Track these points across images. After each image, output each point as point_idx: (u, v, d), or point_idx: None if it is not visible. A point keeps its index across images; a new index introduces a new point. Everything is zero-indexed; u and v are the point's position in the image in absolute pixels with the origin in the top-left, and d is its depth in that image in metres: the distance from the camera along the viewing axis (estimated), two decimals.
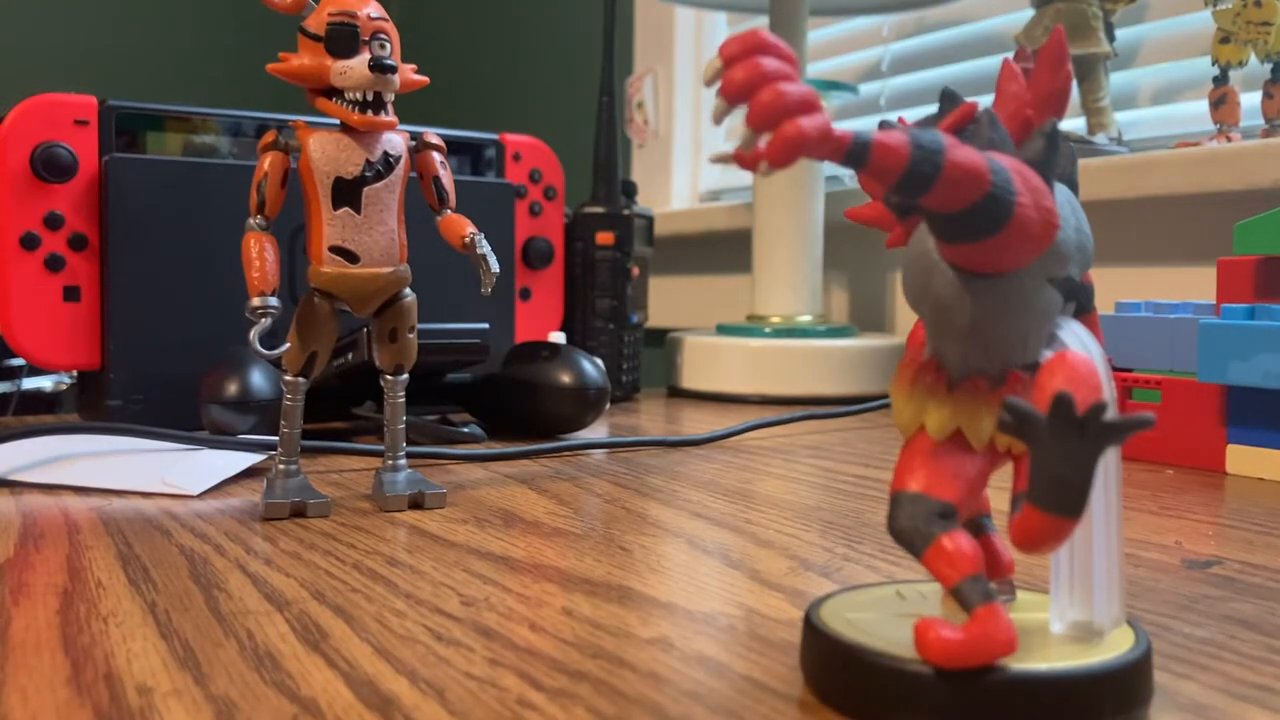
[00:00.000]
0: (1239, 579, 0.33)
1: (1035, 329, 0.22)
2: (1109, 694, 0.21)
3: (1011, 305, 0.22)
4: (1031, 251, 0.21)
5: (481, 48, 1.79)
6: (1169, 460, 0.55)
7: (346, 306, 0.43)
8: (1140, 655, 0.22)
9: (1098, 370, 0.20)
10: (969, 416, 0.22)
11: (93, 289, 0.62)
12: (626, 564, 0.35)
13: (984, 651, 0.20)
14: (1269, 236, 0.52)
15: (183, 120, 0.68)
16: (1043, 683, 0.21)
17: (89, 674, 0.25)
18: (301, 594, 0.31)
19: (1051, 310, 0.22)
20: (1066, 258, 0.22)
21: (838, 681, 0.23)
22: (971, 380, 0.22)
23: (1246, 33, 0.74)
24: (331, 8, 0.40)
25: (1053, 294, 0.22)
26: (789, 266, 0.90)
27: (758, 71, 0.18)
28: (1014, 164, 0.21)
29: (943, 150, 0.19)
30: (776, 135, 0.18)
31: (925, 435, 0.22)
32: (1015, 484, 0.22)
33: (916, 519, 0.21)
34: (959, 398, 0.22)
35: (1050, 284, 0.22)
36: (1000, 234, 0.20)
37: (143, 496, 0.45)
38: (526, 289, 0.78)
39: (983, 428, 0.22)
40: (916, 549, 0.21)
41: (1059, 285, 0.22)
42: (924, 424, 0.22)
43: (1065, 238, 0.22)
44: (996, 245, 0.21)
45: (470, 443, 0.60)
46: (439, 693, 0.23)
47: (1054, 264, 0.22)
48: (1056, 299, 0.22)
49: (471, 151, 0.78)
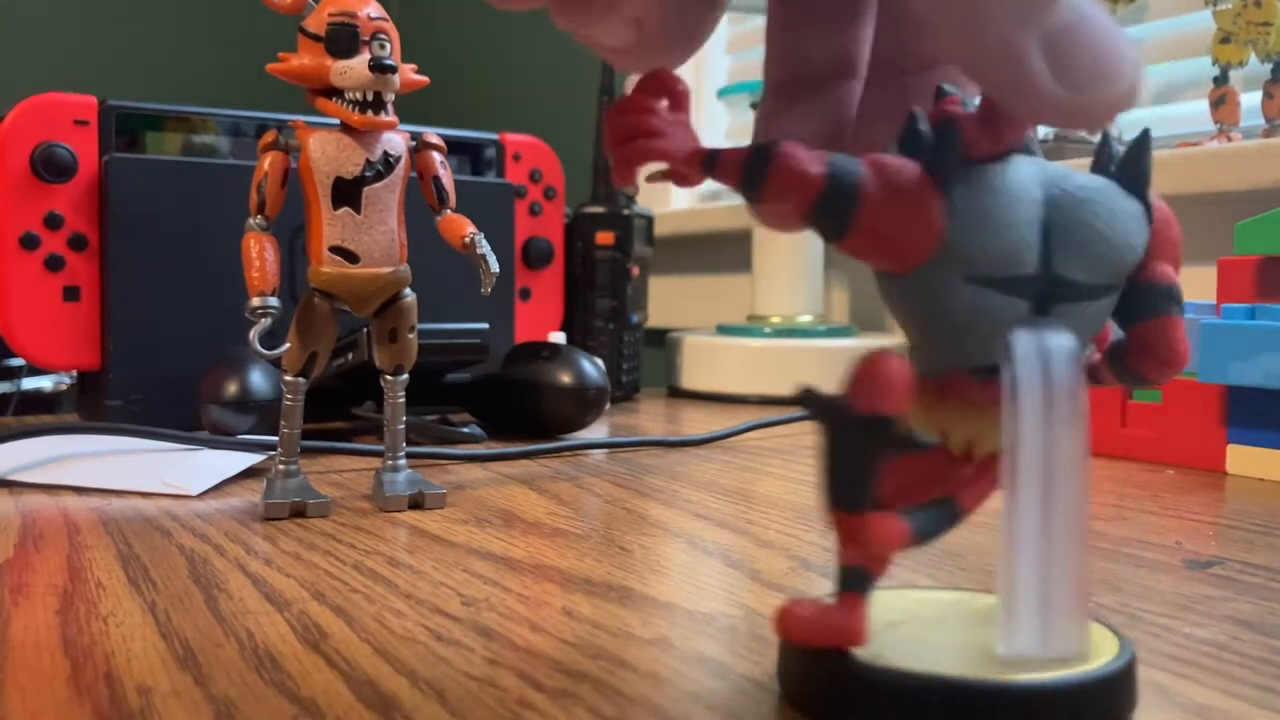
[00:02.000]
0: (1240, 579, 0.33)
1: (966, 331, 0.21)
2: (1090, 705, 0.21)
3: (921, 305, 0.21)
4: (899, 252, 0.21)
5: (481, 48, 1.79)
6: (1169, 460, 0.55)
7: (346, 306, 0.43)
8: (1123, 665, 0.22)
9: (901, 383, 0.20)
10: (918, 417, 0.22)
11: (92, 289, 0.62)
12: (627, 564, 0.35)
13: (825, 635, 0.22)
14: (1269, 236, 0.52)
15: (182, 120, 0.68)
16: (1019, 694, 0.20)
17: (88, 674, 0.25)
18: (301, 594, 0.31)
19: (987, 312, 0.21)
20: (994, 257, 0.21)
21: (807, 689, 0.23)
22: (921, 381, 0.22)
23: (1247, 33, 0.73)
24: (331, 8, 0.40)
25: (981, 294, 0.21)
26: (789, 266, 0.90)
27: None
28: (879, 166, 0.21)
29: (770, 157, 0.20)
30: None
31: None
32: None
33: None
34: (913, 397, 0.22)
35: (973, 283, 0.21)
36: (849, 237, 0.21)
37: (142, 496, 0.45)
38: (526, 289, 0.78)
39: (929, 431, 0.22)
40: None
41: (999, 285, 0.21)
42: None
43: (980, 235, 0.21)
44: (853, 247, 0.21)
45: (470, 443, 0.60)
46: (439, 693, 0.23)
47: (970, 263, 0.21)
48: (989, 300, 0.21)
49: (471, 151, 0.78)
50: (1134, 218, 0.22)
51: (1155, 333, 0.22)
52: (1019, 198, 0.21)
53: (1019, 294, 0.21)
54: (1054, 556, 0.21)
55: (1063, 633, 0.21)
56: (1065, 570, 0.21)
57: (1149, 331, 0.22)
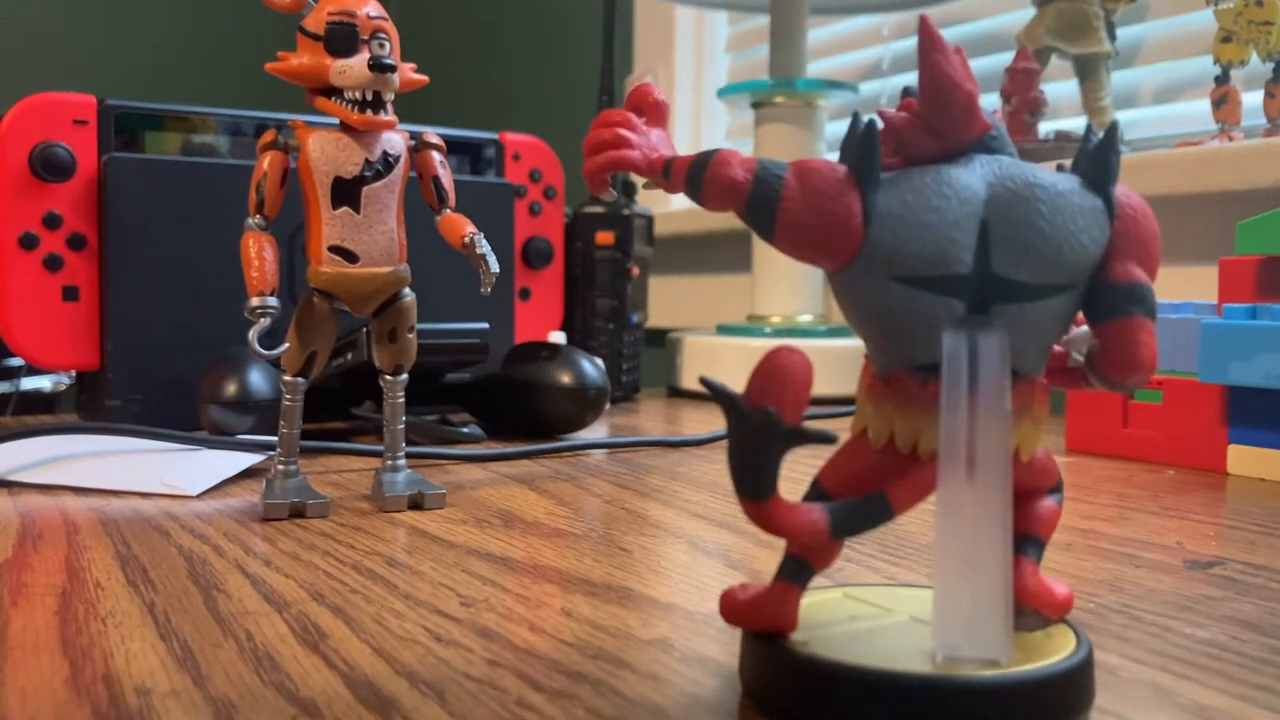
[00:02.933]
0: (1240, 580, 0.33)
1: (902, 330, 0.21)
2: (1044, 701, 0.21)
3: (856, 304, 0.22)
4: (822, 251, 0.22)
5: (481, 48, 1.79)
6: (1170, 460, 0.55)
7: (346, 306, 0.43)
8: (1079, 662, 0.22)
9: (798, 378, 0.20)
10: (867, 414, 0.23)
11: (91, 289, 0.62)
12: (626, 565, 0.35)
13: (756, 619, 0.22)
14: (1271, 236, 0.52)
15: (182, 120, 0.68)
16: (976, 690, 0.20)
17: (87, 675, 0.24)
18: (301, 594, 0.31)
19: (920, 311, 0.21)
20: (918, 256, 0.21)
21: (770, 689, 0.23)
22: (872, 379, 0.23)
23: (1248, 32, 0.73)
24: (330, 7, 0.40)
25: (911, 294, 0.21)
26: (789, 266, 0.90)
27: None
28: (802, 170, 0.22)
29: (705, 165, 0.23)
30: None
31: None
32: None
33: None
34: (863, 394, 0.23)
35: (902, 283, 0.21)
36: (775, 236, 0.22)
37: (141, 497, 0.45)
38: (526, 289, 0.78)
39: (877, 427, 0.22)
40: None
41: (929, 285, 0.21)
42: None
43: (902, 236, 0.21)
44: (782, 246, 0.22)
45: (470, 443, 0.60)
46: (438, 694, 0.23)
47: (894, 263, 0.21)
48: (921, 299, 0.21)
49: (471, 151, 0.78)
50: (1087, 214, 0.21)
51: (1114, 335, 0.22)
52: (949, 197, 0.21)
53: (952, 294, 0.21)
54: (978, 556, 0.21)
55: (987, 630, 0.21)
56: (989, 570, 0.21)
57: (1108, 334, 0.22)
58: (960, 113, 0.22)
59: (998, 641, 0.21)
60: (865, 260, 0.21)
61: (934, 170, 0.22)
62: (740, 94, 0.92)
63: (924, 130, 0.22)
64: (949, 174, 0.21)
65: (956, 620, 0.21)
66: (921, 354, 0.21)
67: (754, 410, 0.20)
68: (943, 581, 0.21)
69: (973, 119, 0.22)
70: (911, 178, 0.22)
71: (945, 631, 0.21)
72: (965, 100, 0.22)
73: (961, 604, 0.21)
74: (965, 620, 0.21)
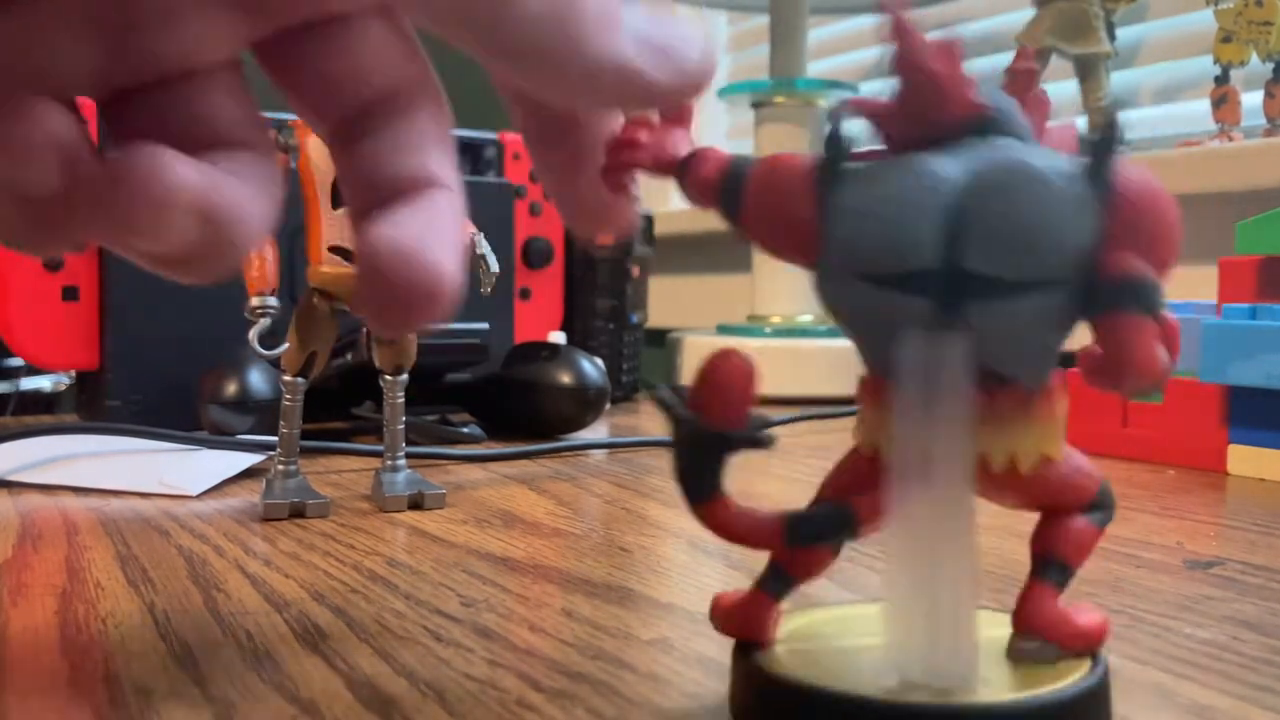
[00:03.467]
0: (1241, 580, 0.33)
1: (872, 330, 0.20)
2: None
3: (828, 302, 0.21)
4: (783, 245, 0.22)
5: None
6: (1170, 460, 0.55)
7: (346, 306, 0.43)
8: (1095, 684, 0.20)
9: (729, 382, 0.21)
10: (859, 420, 0.22)
11: (91, 289, 0.62)
12: (626, 565, 0.35)
13: (735, 627, 0.22)
14: (1271, 236, 0.52)
15: None
16: (979, 715, 0.19)
17: (87, 675, 0.24)
18: (301, 594, 0.31)
19: (885, 310, 0.20)
20: (875, 251, 0.20)
21: (737, 701, 0.22)
22: (860, 382, 0.22)
23: (1248, 32, 0.73)
24: None
25: (875, 292, 0.20)
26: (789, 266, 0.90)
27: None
28: (768, 164, 0.22)
29: (687, 163, 0.24)
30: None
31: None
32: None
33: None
34: (858, 398, 0.22)
35: (865, 280, 0.20)
36: (743, 229, 0.22)
37: (141, 497, 0.45)
38: (526, 289, 0.78)
39: (862, 434, 0.22)
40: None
41: (892, 282, 0.19)
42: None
43: (858, 229, 0.20)
44: (750, 238, 0.22)
45: (470, 443, 0.60)
46: (439, 694, 0.23)
47: (854, 259, 0.20)
48: (886, 298, 0.20)
49: (471, 151, 0.78)
50: (1073, 202, 0.19)
51: (1103, 333, 0.20)
52: (914, 187, 0.20)
53: (918, 291, 0.19)
54: (933, 573, 0.20)
55: (943, 653, 0.20)
56: (945, 588, 0.20)
57: (1099, 332, 0.20)
58: (930, 95, 0.20)
59: (956, 666, 0.20)
60: (828, 257, 0.20)
61: (907, 159, 0.20)
62: (740, 94, 0.92)
63: (902, 117, 0.20)
64: (920, 162, 0.20)
65: (910, 642, 0.20)
66: (886, 359, 0.20)
67: (684, 418, 0.21)
68: (895, 600, 0.20)
69: (945, 101, 0.20)
70: (879, 168, 0.20)
71: (899, 653, 0.20)
72: (932, 81, 0.20)
73: (915, 624, 0.20)
74: (919, 642, 0.20)
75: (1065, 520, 0.21)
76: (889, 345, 0.20)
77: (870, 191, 0.20)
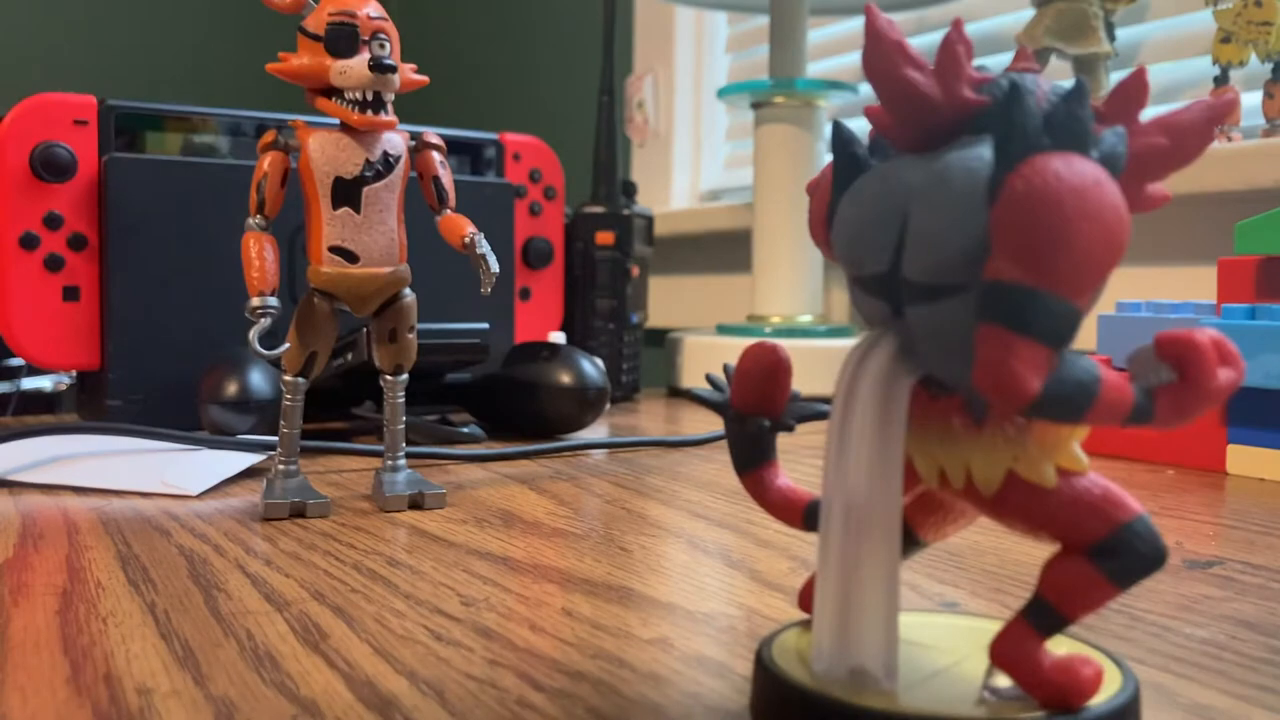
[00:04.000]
0: (1240, 579, 0.33)
1: (868, 328, 0.21)
2: None
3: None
4: (824, 250, 0.23)
5: (481, 48, 1.79)
6: (1169, 460, 0.55)
7: (346, 306, 0.43)
8: (1126, 700, 0.19)
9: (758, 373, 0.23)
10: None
11: (92, 289, 0.62)
12: (626, 564, 0.35)
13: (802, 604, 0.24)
14: (1270, 236, 0.52)
15: (182, 120, 0.68)
16: None
17: (88, 674, 0.24)
18: (301, 594, 0.31)
19: (863, 309, 0.21)
20: (846, 255, 0.20)
21: (753, 702, 0.22)
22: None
23: (1247, 32, 0.73)
24: (331, 7, 0.40)
25: (861, 295, 0.21)
26: (789, 266, 0.90)
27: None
28: (823, 172, 0.23)
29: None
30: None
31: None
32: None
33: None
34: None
35: (855, 284, 0.21)
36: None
37: (142, 497, 0.45)
38: (526, 289, 0.78)
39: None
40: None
41: (864, 286, 0.20)
42: None
43: (839, 234, 0.21)
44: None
45: (470, 443, 0.60)
46: (439, 693, 0.23)
47: (841, 262, 0.21)
48: (860, 298, 0.21)
49: (471, 151, 0.78)
50: (965, 201, 0.18)
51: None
52: (874, 193, 0.20)
53: (879, 295, 0.20)
54: (852, 569, 0.20)
55: (862, 642, 0.20)
56: (861, 585, 0.20)
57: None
58: (903, 100, 0.19)
59: (876, 651, 0.20)
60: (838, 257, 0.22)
61: (886, 164, 0.20)
62: (740, 94, 0.92)
63: (889, 122, 0.20)
64: (891, 167, 0.20)
65: (827, 635, 0.20)
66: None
67: (720, 404, 0.24)
68: (819, 590, 0.20)
69: (918, 105, 0.19)
70: (870, 175, 0.21)
71: (817, 643, 0.20)
72: (902, 88, 0.19)
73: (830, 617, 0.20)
74: (822, 634, 0.20)
75: (1061, 557, 0.19)
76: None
77: (849, 198, 0.21)
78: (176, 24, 1.93)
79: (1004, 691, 0.20)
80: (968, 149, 0.19)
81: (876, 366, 0.20)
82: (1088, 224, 0.17)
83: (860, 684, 0.20)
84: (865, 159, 0.21)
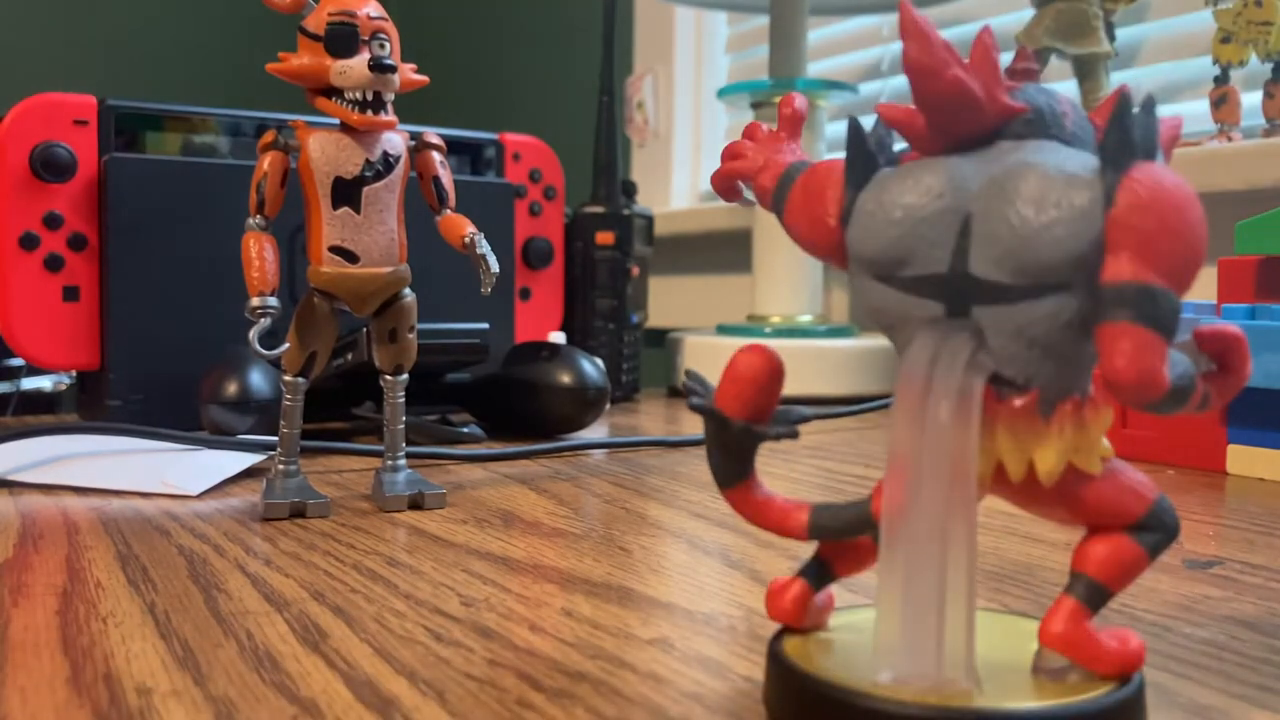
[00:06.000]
0: (1240, 579, 0.33)
1: (894, 330, 0.21)
2: None
3: (863, 303, 0.22)
4: (813, 245, 0.23)
5: (481, 48, 1.79)
6: (1169, 460, 0.55)
7: (346, 306, 0.43)
8: (1130, 694, 0.20)
9: (747, 377, 0.22)
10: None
11: (92, 289, 0.62)
12: (626, 564, 0.35)
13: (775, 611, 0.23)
14: (1270, 236, 0.52)
15: (182, 120, 0.68)
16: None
17: (88, 674, 0.24)
18: (301, 594, 0.31)
19: (904, 313, 0.20)
20: (881, 255, 0.20)
21: (767, 693, 0.22)
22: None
23: (1247, 32, 0.73)
24: (331, 7, 0.40)
25: (892, 294, 0.20)
26: (789, 266, 0.90)
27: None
28: (812, 169, 0.23)
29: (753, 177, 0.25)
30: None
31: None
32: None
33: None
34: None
35: (882, 283, 0.20)
36: (785, 227, 0.24)
37: (142, 497, 0.45)
38: (526, 289, 0.78)
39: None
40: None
41: (904, 285, 0.20)
42: None
43: (867, 233, 0.20)
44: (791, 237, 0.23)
45: (470, 443, 0.60)
46: (439, 693, 0.23)
47: (867, 262, 0.21)
48: (902, 301, 0.20)
49: (471, 151, 0.78)
50: (1068, 204, 0.19)
51: (1098, 343, 0.19)
52: (924, 192, 0.20)
53: (928, 295, 0.20)
54: (916, 572, 0.19)
55: (946, 649, 0.19)
56: (925, 588, 0.19)
57: (1096, 341, 0.19)
58: (949, 101, 0.20)
59: (930, 667, 0.19)
60: (851, 260, 0.21)
61: (924, 164, 0.20)
62: (740, 94, 0.92)
63: (925, 123, 0.20)
64: (937, 167, 0.20)
65: (891, 640, 0.20)
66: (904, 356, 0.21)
67: (708, 410, 0.22)
68: (883, 596, 0.20)
69: (966, 107, 0.20)
70: (896, 173, 0.21)
71: (883, 652, 0.20)
72: (951, 88, 0.20)
73: (894, 622, 0.20)
74: (900, 640, 0.20)
75: (1100, 535, 0.21)
76: (899, 341, 0.21)
77: (885, 197, 0.20)
78: (176, 24, 1.93)
79: (1058, 673, 0.21)
80: (1047, 154, 0.19)
81: (951, 368, 0.19)
82: (1199, 226, 0.18)
83: (942, 690, 0.19)
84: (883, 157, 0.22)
